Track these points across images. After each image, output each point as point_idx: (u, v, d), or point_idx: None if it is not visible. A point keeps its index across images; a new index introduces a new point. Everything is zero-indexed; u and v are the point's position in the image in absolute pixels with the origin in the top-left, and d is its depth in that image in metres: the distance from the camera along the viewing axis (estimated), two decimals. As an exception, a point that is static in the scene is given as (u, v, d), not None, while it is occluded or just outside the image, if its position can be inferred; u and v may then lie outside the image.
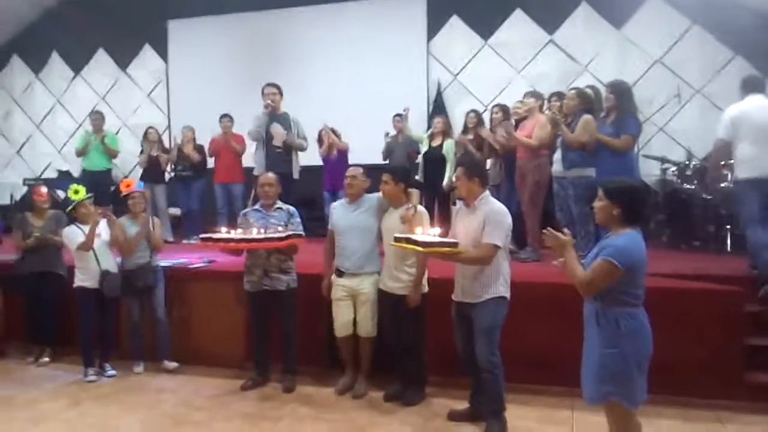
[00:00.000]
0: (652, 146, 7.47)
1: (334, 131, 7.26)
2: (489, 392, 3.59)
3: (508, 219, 3.57)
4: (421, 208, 4.11)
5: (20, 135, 10.55)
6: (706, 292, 4.12)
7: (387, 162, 6.80)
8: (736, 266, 5.01)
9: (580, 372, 2.86)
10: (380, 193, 4.29)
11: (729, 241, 5.92)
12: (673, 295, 3.99)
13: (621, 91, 5.02)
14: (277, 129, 5.69)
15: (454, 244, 3.41)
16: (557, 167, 5.21)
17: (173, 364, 4.95)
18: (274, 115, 5.71)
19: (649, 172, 7.03)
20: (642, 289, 2.73)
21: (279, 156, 5.71)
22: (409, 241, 3.47)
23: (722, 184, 6.03)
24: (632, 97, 5.06)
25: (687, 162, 6.57)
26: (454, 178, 3.69)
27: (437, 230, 3.62)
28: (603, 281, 2.66)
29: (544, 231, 2.90)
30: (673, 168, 6.62)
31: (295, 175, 5.98)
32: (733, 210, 5.94)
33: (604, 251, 2.68)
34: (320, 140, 7.34)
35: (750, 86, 4.71)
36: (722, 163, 5.39)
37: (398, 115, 7.02)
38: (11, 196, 9.51)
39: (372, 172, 4.51)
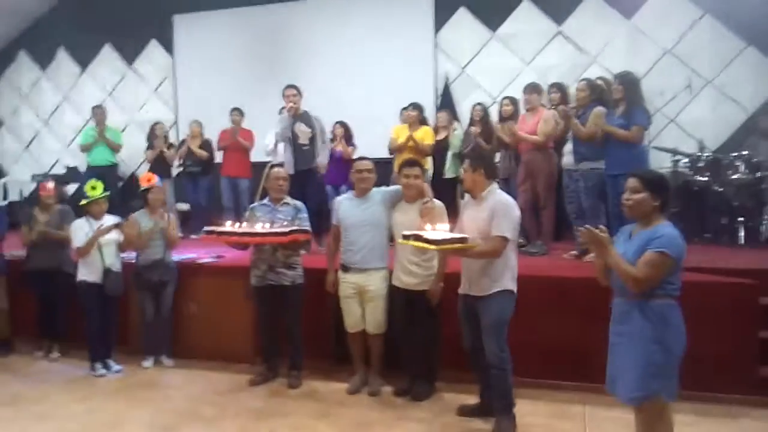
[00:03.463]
0: (664, 138, 7.35)
1: (346, 131, 7.21)
2: (498, 388, 3.55)
3: (517, 211, 3.52)
4: (438, 202, 4.06)
5: (28, 131, 10.55)
6: (719, 284, 4.06)
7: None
8: (750, 259, 4.95)
9: (608, 371, 2.80)
10: (389, 187, 4.25)
11: (742, 234, 5.84)
12: (687, 288, 3.89)
13: (629, 82, 4.94)
14: (301, 128, 5.87)
15: (464, 240, 3.35)
16: (568, 160, 5.15)
17: (170, 362, 4.96)
18: (296, 115, 5.87)
19: (661, 164, 6.92)
20: (680, 281, 2.69)
21: (306, 153, 5.87)
22: (418, 238, 3.42)
23: (734, 176, 5.96)
24: (640, 88, 4.98)
25: (699, 154, 6.48)
26: (461, 171, 3.62)
27: (446, 226, 3.55)
28: (659, 275, 2.60)
29: (581, 228, 2.81)
30: (685, 160, 6.53)
31: (322, 170, 6.16)
32: (746, 202, 5.90)
33: (653, 243, 2.61)
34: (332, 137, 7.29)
35: None
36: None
37: (412, 105, 6.78)
38: (20, 192, 9.53)
39: (377, 166, 4.45)
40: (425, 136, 6.25)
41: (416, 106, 6.41)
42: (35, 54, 10.36)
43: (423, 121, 6.47)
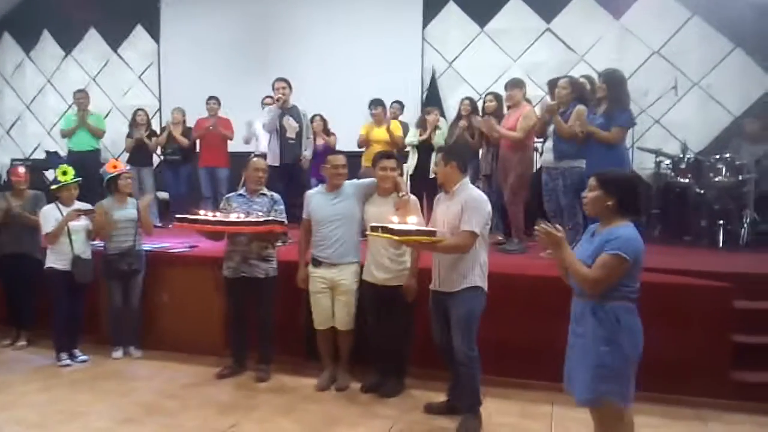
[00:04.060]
0: (648, 139, 7.32)
1: (325, 124, 7.24)
2: (465, 386, 3.51)
3: (488, 207, 3.46)
4: (411, 196, 4.00)
5: (10, 115, 10.40)
6: (693, 287, 4.02)
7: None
8: (728, 262, 4.92)
9: (565, 370, 2.75)
10: (360, 180, 4.18)
11: (721, 237, 5.81)
12: (660, 290, 3.87)
13: (613, 81, 4.87)
14: (289, 122, 5.91)
15: (432, 233, 3.29)
16: (547, 157, 5.09)
17: (138, 353, 4.88)
18: (285, 108, 5.89)
19: (644, 165, 6.92)
20: (638, 283, 2.62)
21: (292, 146, 5.95)
22: (385, 230, 3.35)
23: (716, 179, 5.92)
24: (625, 87, 4.91)
25: (681, 155, 6.44)
26: (443, 163, 3.54)
27: (414, 219, 3.49)
28: (613, 276, 2.53)
29: (536, 227, 2.75)
30: (668, 161, 6.50)
31: (306, 165, 6.27)
32: (727, 205, 5.86)
33: (608, 245, 2.54)
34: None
35: None
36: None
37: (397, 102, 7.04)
38: (0, 177, 9.39)
39: (357, 159, 4.39)
40: (396, 128, 6.56)
41: (380, 103, 6.65)
42: (19, 36, 10.20)
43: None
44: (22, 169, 5.24)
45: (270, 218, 4.26)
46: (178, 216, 4.36)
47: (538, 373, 4.06)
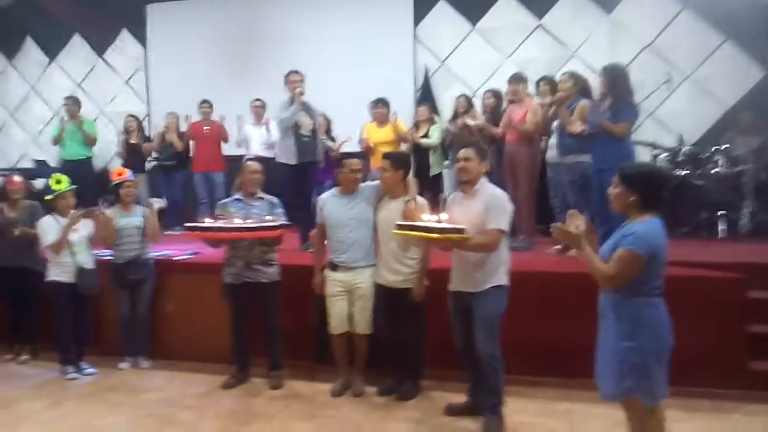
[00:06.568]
0: (642, 132, 7.33)
1: (328, 124, 7.12)
2: (488, 386, 3.48)
3: (510, 204, 3.46)
4: (421, 199, 3.96)
5: (-7, 123, 10.20)
6: (707, 279, 4.04)
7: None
8: (733, 252, 4.96)
9: (595, 366, 2.74)
10: (371, 183, 4.14)
11: (722, 227, 5.86)
12: (674, 282, 3.85)
13: (616, 76, 4.88)
14: (303, 118, 5.58)
15: (462, 230, 3.25)
16: (552, 153, 5.09)
17: (147, 363, 4.80)
18: (302, 102, 5.60)
19: (640, 158, 6.94)
20: (661, 278, 2.61)
21: (308, 144, 5.59)
22: (414, 228, 3.32)
23: (714, 170, 5.98)
24: (628, 81, 4.92)
25: (678, 147, 6.49)
26: (461, 160, 3.51)
27: (445, 216, 3.38)
28: (628, 272, 2.53)
29: (551, 226, 2.74)
30: (665, 153, 6.54)
31: (321, 164, 5.96)
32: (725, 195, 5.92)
33: (624, 240, 2.55)
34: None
35: None
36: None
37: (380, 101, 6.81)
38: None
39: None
40: (401, 125, 6.44)
41: (385, 102, 6.41)
42: (1, 44, 9.97)
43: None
44: (18, 178, 5.12)
45: (282, 222, 4.22)
46: (187, 225, 4.27)
47: (554, 371, 4.07)
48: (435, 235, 3.24)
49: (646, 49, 7.53)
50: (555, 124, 5.03)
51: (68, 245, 4.56)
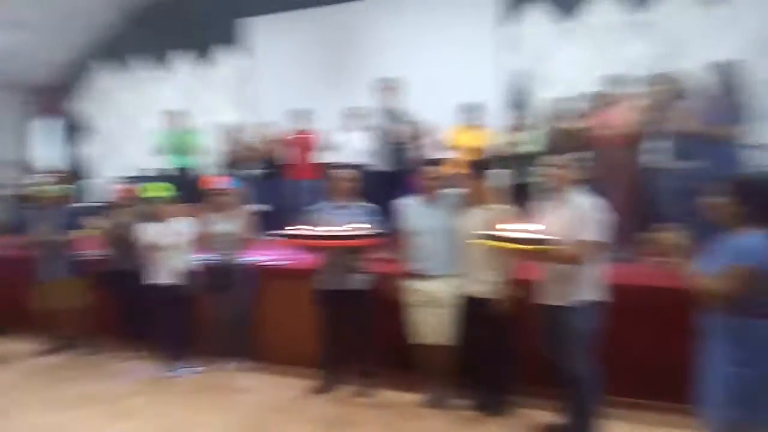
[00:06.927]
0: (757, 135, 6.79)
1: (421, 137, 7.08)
2: (573, 406, 3.33)
3: (604, 214, 3.27)
4: (506, 207, 3.82)
5: (109, 136, 10.99)
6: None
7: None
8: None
9: (699, 391, 2.54)
10: (455, 190, 4.05)
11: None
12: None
13: (725, 74, 4.54)
14: (399, 126, 5.68)
15: (548, 241, 3.12)
16: (655, 158, 4.79)
17: (245, 365, 4.94)
18: (395, 110, 5.68)
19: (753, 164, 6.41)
20: None
21: (401, 152, 5.70)
22: (498, 238, 3.21)
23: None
24: (739, 79, 4.55)
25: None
26: (550, 167, 3.39)
27: (531, 226, 3.29)
28: (738, 289, 2.33)
29: (657, 234, 2.57)
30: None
31: (415, 171, 5.98)
32: None
33: (729, 255, 2.35)
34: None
35: None
36: None
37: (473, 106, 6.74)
38: (101, 195, 9.88)
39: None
40: (489, 131, 6.31)
41: (475, 107, 6.39)
42: (110, 61, 10.77)
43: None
44: (127, 187, 5.48)
45: (381, 230, 4.18)
46: (283, 232, 4.29)
47: (661, 393, 3.79)
48: (519, 246, 3.13)
49: (755, 41, 6.93)
50: (661, 127, 4.72)
51: (167, 248, 4.81)
